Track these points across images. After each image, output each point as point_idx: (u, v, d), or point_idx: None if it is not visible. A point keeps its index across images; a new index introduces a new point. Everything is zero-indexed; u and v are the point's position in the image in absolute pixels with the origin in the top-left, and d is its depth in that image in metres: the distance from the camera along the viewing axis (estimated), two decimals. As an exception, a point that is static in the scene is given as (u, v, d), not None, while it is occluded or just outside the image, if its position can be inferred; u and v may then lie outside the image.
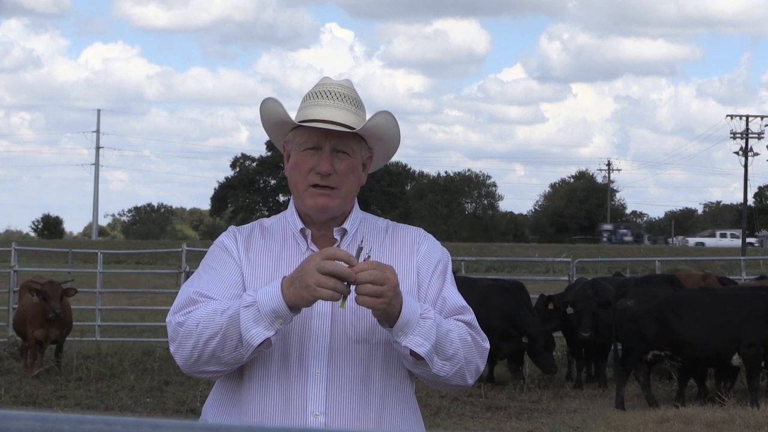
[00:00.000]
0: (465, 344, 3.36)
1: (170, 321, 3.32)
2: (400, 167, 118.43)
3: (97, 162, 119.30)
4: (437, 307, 3.41)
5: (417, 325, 3.23)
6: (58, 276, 20.07)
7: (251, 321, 3.18)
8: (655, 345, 13.04)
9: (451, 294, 3.46)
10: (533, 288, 19.66)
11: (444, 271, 3.50)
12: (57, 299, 14.99)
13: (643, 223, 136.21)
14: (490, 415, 12.71)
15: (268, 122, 3.51)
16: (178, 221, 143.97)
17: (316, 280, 3.11)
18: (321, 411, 3.29)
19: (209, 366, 3.28)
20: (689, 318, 12.96)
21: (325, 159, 3.39)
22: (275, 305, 3.17)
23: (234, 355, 3.23)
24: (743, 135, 73.55)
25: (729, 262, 45.87)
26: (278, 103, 3.46)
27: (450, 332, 3.32)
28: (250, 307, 3.18)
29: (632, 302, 13.29)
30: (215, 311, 3.24)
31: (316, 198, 3.40)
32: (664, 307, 13.08)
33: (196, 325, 3.25)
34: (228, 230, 3.55)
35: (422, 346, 3.24)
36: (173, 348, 3.31)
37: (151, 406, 12.89)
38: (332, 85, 3.47)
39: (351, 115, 3.43)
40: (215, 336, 3.21)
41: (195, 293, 3.34)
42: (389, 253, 3.47)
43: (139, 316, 23.41)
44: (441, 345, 3.28)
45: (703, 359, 13.24)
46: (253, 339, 3.18)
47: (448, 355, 3.30)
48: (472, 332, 3.41)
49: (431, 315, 3.28)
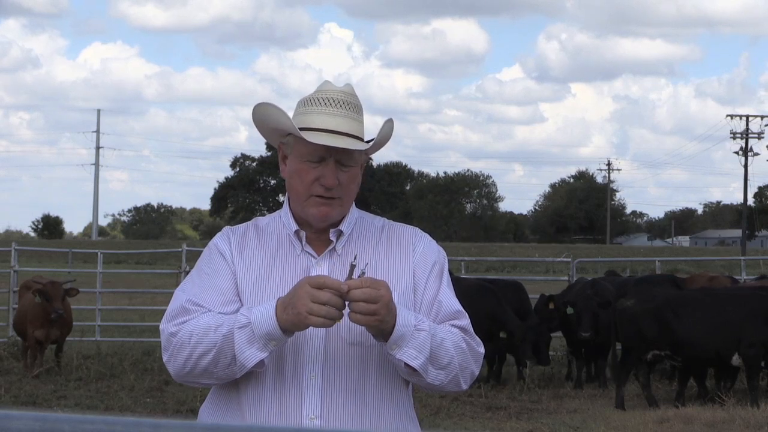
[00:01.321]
0: (460, 351, 3.35)
1: (163, 330, 3.33)
2: (400, 167, 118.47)
3: (97, 162, 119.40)
4: (433, 311, 3.40)
5: (411, 337, 3.23)
6: (58, 276, 20.07)
7: (245, 342, 3.19)
8: (655, 345, 13.04)
9: (447, 298, 3.44)
10: (533, 288, 19.65)
11: (440, 272, 3.48)
12: (59, 299, 14.99)
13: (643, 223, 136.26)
14: (490, 415, 12.70)
15: (266, 126, 3.47)
16: (178, 221, 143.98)
17: (309, 308, 3.12)
18: (316, 414, 3.29)
19: (201, 378, 3.31)
20: (689, 318, 12.96)
21: (330, 172, 3.36)
22: (269, 328, 3.18)
23: (227, 372, 3.26)
24: (743, 135, 73.53)
25: (729, 262, 45.84)
26: (280, 111, 3.41)
27: (444, 341, 3.31)
28: (245, 328, 3.19)
29: (632, 302, 13.29)
30: (209, 327, 3.24)
31: (319, 207, 3.38)
32: (664, 307, 13.08)
33: (189, 338, 3.25)
34: (222, 231, 3.54)
35: (416, 359, 3.25)
36: (165, 357, 3.32)
37: (151, 406, 12.88)
38: (335, 91, 3.42)
39: (354, 123, 3.39)
40: (209, 352, 3.23)
41: (187, 302, 3.33)
42: (385, 253, 3.46)
43: (139, 316, 23.40)
44: (436, 355, 3.28)
45: (703, 359, 13.23)
46: (247, 361, 3.20)
47: (443, 364, 3.31)
48: (467, 338, 3.40)
49: (425, 326, 3.27)
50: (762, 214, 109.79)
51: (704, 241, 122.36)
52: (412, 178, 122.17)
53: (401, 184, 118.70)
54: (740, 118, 74.49)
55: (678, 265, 49.14)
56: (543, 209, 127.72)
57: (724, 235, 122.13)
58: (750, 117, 74.31)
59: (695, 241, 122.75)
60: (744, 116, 74.41)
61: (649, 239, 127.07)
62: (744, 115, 74.36)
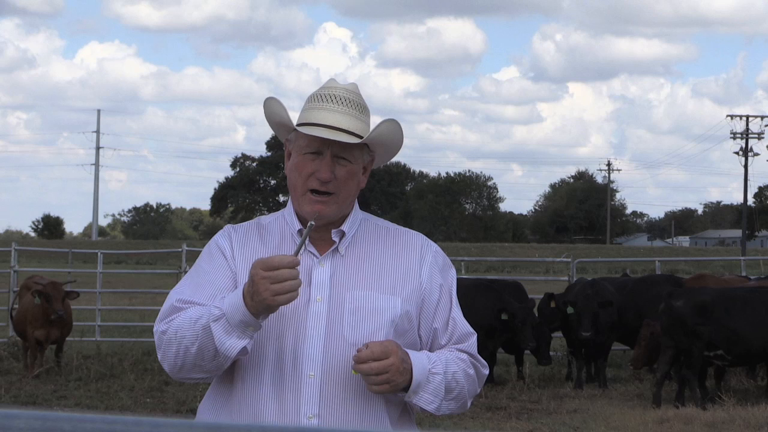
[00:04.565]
0: (469, 379, 3.43)
1: (155, 330, 3.36)
2: (400, 167, 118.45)
3: (97, 162, 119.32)
4: (448, 330, 3.46)
5: (427, 382, 3.31)
6: (58, 276, 20.07)
7: (223, 333, 3.21)
8: (708, 345, 12.93)
9: (459, 316, 3.50)
10: (533, 288, 19.66)
11: (450, 288, 3.51)
12: (59, 301, 14.97)
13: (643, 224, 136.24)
14: (490, 415, 12.70)
15: (271, 121, 3.49)
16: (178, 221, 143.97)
17: (271, 291, 3.14)
18: (314, 413, 3.29)
19: (194, 373, 3.32)
20: (740, 314, 12.94)
21: (325, 165, 3.36)
22: (242, 317, 3.19)
23: (215, 364, 3.27)
24: (743, 135, 73.53)
25: (729, 262, 45.83)
26: (279, 104, 3.44)
27: (456, 374, 3.39)
28: (220, 320, 3.21)
29: (681, 302, 13.16)
30: (190, 320, 3.27)
31: (313, 204, 3.38)
32: (714, 305, 13.01)
33: (176, 334, 3.28)
34: (224, 229, 3.54)
35: (432, 403, 3.34)
36: (159, 356, 3.36)
37: (151, 406, 12.89)
38: (338, 89, 3.43)
39: (355, 121, 3.39)
40: (193, 345, 3.25)
41: (178, 300, 3.35)
42: (391, 256, 3.46)
43: (139, 316, 23.40)
44: (448, 389, 3.36)
45: (753, 355, 13.20)
46: (228, 351, 3.22)
47: (454, 395, 3.38)
48: (475, 362, 3.47)
49: (439, 369, 3.34)
50: (762, 214, 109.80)
51: (704, 241, 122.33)
52: (412, 178, 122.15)
53: (401, 184, 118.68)
54: (740, 119, 74.50)
55: (678, 266, 49.17)
56: (543, 209, 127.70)
57: (724, 236, 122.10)
58: (750, 117, 74.34)
59: (695, 242, 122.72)
60: (744, 116, 74.43)
61: (649, 239, 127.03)
62: (744, 116, 74.37)
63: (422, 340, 3.44)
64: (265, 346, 3.31)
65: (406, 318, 3.38)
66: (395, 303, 3.37)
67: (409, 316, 3.39)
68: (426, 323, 3.44)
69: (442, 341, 3.45)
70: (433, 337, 3.45)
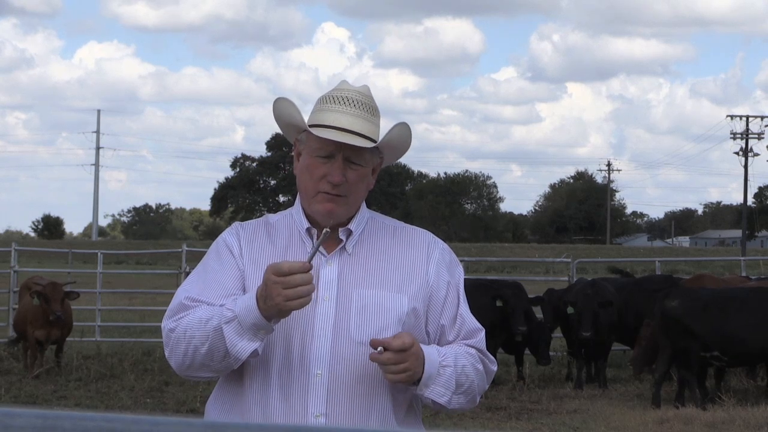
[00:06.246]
0: (478, 374, 3.45)
1: (163, 326, 3.37)
2: (400, 167, 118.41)
3: (97, 162, 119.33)
4: (456, 326, 3.47)
5: (438, 375, 3.32)
6: (58, 276, 20.06)
7: (235, 335, 3.22)
8: (704, 346, 12.91)
9: (467, 313, 3.51)
10: (533, 288, 19.64)
11: (457, 285, 3.51)
12: (58, 302, 14.94)
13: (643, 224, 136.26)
14: (490, 415, 12.70)
15: (281, 121, 3.50)
16: (178, 221, 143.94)
17: (284, 296, 3.15)
18: (322, 412, 3.30)
19: (201, 372, 3.33)
20: (736, 315, 12.91)
21: (337, 169, 3.36)
22: (254, 320, 3.20)
23: (223, 364, 3.28)
24: (743, 135, 73.53)
25: (729, 262, 45.83)
26: (292, 104, 3.44)
27: (465, 367, 3.40)
28: (232, 322, 3.22)
29: (677, 302, 13.15)
30: (201, 320, 3.27)
31: (324, 203, 3.39)
32: (711, 305, 13.00)
33: (185, 332, 3.28)
34: (232, 226, 3.55)
35: (444, 395, 3.34)
36: (167, 353, 3.37)
37: (151, 406, 12.89)
38: (351, 91, 3.44)
39: (367, 124, 3.40)
40: (203, 345, 3.26)
41: (186, 299, 3.36)
42: (398, 253, 3.47)
43: (139, 317, 23.40)
44: (458, 383, 3.37)
45: (751, 356, 13.18)
46: (240, 354, 3.23)
47: (464, 389, 3.39)
48: (483, 357, 3.49)
49: (450, 362, 3.35)
50: (762, 215, 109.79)
51: (704, 241, 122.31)
52: (412, 178, 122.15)
53: (401, 184, 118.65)
54: (740, 119, 74.51)
55: (678, 266, 49.15)
56: (543, 209, 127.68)
57: (724, 236, 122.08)
58: (750, 117, 74.34)
59: (695, 242, 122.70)
60: (744, 117, 74.43)
61: (649, 239, 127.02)
62: (744, 116, 74.37)
63: (430, 337, 3.45)
64: (272, 344, 3.32)
65: (413, 315, 3.40)
66: (402, 301, 3.38)
67: (416, 313, 3.40)
68: (433, 320, 3.45)
69: (449, 337, 3.46)
70: (440, 334, 3.46)
